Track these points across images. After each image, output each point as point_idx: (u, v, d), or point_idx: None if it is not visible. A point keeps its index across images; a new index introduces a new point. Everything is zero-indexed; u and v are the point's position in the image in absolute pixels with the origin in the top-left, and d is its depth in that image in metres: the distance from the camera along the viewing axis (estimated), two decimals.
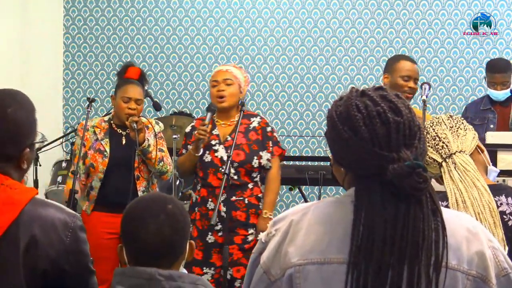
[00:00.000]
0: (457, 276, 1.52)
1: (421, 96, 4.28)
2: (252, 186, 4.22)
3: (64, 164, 5.54)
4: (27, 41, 6.23)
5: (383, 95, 1.56)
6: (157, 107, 5.33)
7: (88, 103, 4.62)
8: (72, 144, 5.51)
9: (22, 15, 6.17)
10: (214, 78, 4.28)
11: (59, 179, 5.50)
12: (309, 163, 5.51)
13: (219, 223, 4.11)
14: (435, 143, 2.38)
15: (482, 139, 3.65)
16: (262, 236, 1.68)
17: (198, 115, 6.57)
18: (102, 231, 4.36)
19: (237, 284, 4.11)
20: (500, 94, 5.17)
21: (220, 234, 4.12)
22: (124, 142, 4.47)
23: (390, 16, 6.49)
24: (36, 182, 5.27)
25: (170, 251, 2.01)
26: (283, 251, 1.59)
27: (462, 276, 1.52)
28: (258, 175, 4.27)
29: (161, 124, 4.63)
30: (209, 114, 4.18)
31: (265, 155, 4.23)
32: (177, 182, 5.21)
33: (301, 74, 6.57)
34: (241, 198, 4.17)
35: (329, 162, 5.75)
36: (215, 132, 4.25)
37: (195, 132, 4.15)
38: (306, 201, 5.27)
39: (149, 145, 4.36)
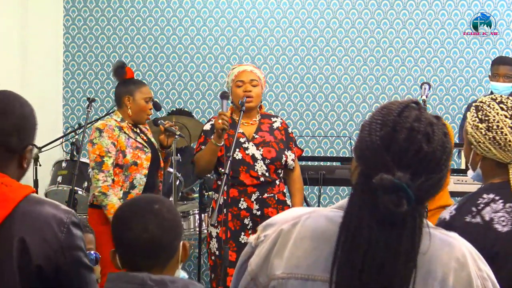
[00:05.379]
0: None
1: (421, 96, 4.28)
2: (278, 183, 4.28)
3: (64, 164, 5.49)
4: (27, 41, 6.23)
5: (427, 117, 1.51)
6: (157, 107, 5.32)
7: (88, 103, 4.62)
8: (72, 144, 5.50)
9: (22, 15, 6.16)
10: (239, 78, 4.25)
11: (59, 179, 5.47)
12: (309, 163, 5.50)
13: (251, 222, 4.15)
14: None
15: None
16: (251, 239, 1.66)
17: (198, 115, 6.58)
18: None
19: None
20: (501, 87, 5.20)
21: (250, 233, 4.13)
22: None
23: (390, 16, 6.48)
24: (36, 182, 5.27)
25: (160, 251, 1.95)
26: (270, 261, 1.58)
27: None
28: (280, 171, 4.31)
29: None
30: (225, 102, 4.16)
31: (290, 155, 4.29)
32: (177, 182, 5.21)
33: (301, 74, 6.56)
34: (272, 194, 4.21)
35: (329, 162, 5.78)
36: (240, 130, 4.21)
37: (219, 121, 4.09)
38: (306, 201, 5.27)
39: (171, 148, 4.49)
